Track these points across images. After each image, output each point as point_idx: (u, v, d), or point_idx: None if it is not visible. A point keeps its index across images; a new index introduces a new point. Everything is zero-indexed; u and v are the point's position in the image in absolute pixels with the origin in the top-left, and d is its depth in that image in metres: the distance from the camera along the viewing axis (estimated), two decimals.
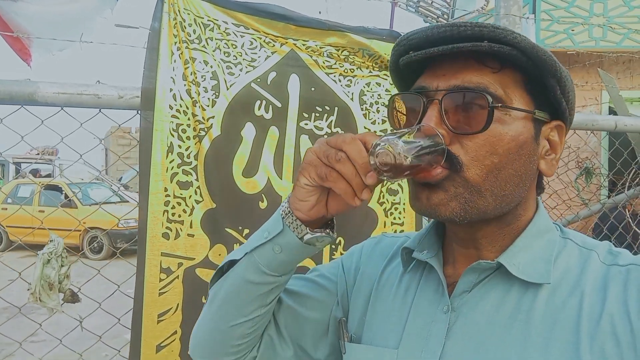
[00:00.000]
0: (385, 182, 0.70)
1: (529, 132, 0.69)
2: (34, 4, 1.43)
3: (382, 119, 1.89)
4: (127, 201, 10.51)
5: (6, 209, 10.40)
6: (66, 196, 10.40)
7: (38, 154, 12.88)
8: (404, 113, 0.75)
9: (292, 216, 0.73)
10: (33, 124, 1.56)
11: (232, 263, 0.81)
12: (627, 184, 2.79)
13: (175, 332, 1.56)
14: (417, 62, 0.72)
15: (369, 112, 1.86)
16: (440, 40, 0.68)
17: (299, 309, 0.87)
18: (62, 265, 1.45)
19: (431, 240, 0.79)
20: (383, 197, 1.85)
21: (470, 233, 0.73)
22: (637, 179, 2.63)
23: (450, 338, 0.70)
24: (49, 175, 13.80)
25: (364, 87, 1.87)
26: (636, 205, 2.98)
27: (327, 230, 0.75)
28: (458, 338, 0.69)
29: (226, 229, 1.61)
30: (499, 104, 0.66)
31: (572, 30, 5.32)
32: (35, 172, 14.10)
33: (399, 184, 1.87)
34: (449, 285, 0.74)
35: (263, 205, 1.67)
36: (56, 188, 10.84)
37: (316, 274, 0.93)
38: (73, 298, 1.54)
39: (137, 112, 1.55)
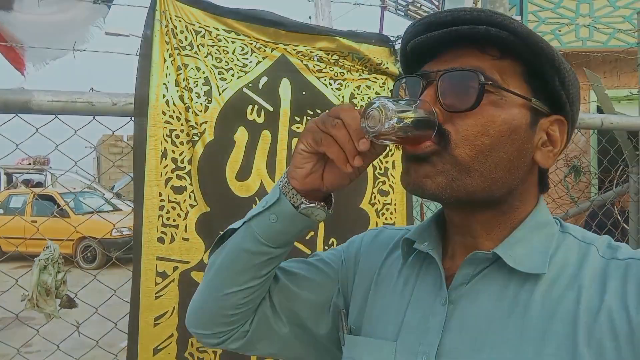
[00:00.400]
0: (380, 153, 0.73)
1: (523, 118, 0.70)
2: (27, 13, 1.44)
3: None
4: (120, 209, 10.47)
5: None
6: (58, 206, 10.35)
7: (30, 163, 12.82)
8: (409, 94, 0.77)
9: (289, 185, 0.76)
10: (25, 133, 1.57)
11: (232, 232, 0.83)
12: (615, 181, 2.84)
13: (172, 335, 1.57)
14: (425, 50, 0.74)
15: None
16: (441, 25, 0.70)
17: (294, 289, 0.89)
18: (58, 272, 1.47)
19: (432, 232, 0.80)
20: (374, 198, 1.88)
21: (465, 218, 0.74)
22: (624, 175, 2.68)
23: (447, 330, 0.70)
24: (39, 185, 13.73)
25: (354, 90, 1.89)
26: (624, 202, 3.02)
27: (322, 204, 0.77)
28: (455, 331, 0.70)
29: (220, 232, 1.62)
30: (490, 82, 0.67)
31: (559, 30, 5.40)
32: (26, 183, 14.03)
33: (390, 185, 1.90)
34: (447, 277, 0.74)
35: None
36: (49, 198, 10.78)
37: (316, 258, 0.94)
38: (70, 303, 1.55)
39: (131, 118, 1.57)
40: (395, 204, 1.91)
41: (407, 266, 0.82)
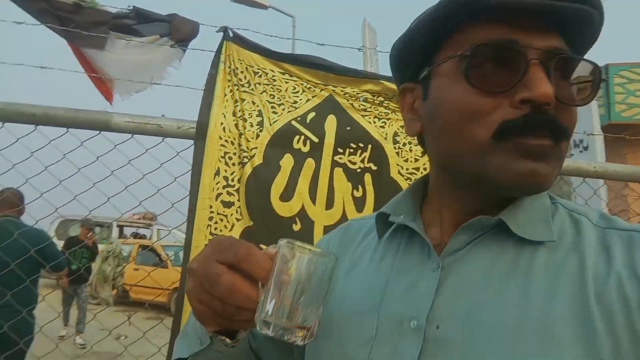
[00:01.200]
0: None
1: None
2: (116, 54, 1.80)
3: (415, 158, 2.03)
4: None
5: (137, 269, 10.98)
6: (160, 258, 11.14)
7: (139, 218, 14.01)
8: (493, 69, 0.62)
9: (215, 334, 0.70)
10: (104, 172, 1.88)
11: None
12: None
13: None
14: (508, 11, 0.61)
15: (402, 151, 2.01)
16: None
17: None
18: (117, 265, 1.69)
19: (408, 205, 0.77)
20: None
21: (493, 204, 0.68)
22: None
23: (440, 295, 0.65)
24: (144, 237, 14.85)
25: (398, 129, 2.03)
26: None
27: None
28: (449, 294, 0.65)
29: (261, 245, 1.79)
30: (599, 73, 0.64)
31: None
32: (135, 236, 15.29)
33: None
34: (435, 246, 0.69)
35: (296, 227, 1.84)
36: (152, 249, 11.68)
37: None
38: (125, 295, 1.76)
39: (193, 141, 1.83)
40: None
41: (383, 243, 0.78)
